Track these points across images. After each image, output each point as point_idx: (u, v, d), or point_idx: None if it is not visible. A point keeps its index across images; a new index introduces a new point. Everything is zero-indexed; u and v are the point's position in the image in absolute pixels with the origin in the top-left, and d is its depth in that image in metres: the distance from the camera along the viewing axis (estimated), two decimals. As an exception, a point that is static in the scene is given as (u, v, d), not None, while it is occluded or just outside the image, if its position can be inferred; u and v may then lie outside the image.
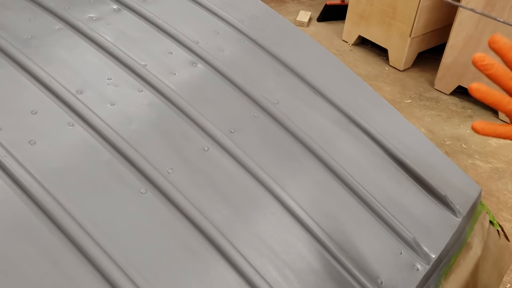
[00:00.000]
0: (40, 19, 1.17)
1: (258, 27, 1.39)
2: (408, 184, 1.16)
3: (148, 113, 1.04)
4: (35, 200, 0.80)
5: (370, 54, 3.66)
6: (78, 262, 0.75)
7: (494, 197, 2.37)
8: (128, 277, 0.76)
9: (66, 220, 0.79)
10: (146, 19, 1.29)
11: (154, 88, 1.09)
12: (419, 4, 3.13)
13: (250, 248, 0.88)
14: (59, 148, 0.91)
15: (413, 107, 3.08)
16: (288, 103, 1.19)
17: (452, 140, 2.79)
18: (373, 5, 3.44)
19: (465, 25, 2.91)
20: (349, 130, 1.21)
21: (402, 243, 1.03)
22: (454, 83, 3.11)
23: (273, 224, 0.94)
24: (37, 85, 1.00)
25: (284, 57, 1.31)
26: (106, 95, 1.04)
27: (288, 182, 1.01)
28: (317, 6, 4.39)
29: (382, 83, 3.31)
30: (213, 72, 1.20)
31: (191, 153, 0.99)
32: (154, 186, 0.90)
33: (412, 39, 3.30)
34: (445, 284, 1.06)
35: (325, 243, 0.94)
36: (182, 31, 1.30)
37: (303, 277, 0.88)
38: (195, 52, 1.24)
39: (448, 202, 1.15)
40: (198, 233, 0.86)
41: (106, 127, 0.95)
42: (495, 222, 1.29)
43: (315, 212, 0.99)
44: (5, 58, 1.03)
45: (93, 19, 1.23)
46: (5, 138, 0.88)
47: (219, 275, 0.83)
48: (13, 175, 0.82)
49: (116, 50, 1.14)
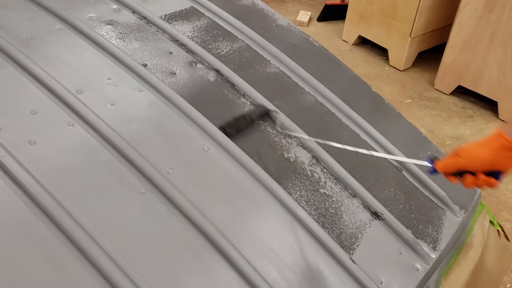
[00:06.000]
0: (40, 19, 1.17)
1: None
2: (408, 184, 1.16)
3: (148, 113, 1.04)
4: (35, 200, 0.80)
5: (370, 54, 3.66)
6: (78, 262, 0.75)
7: (494, 197, 2.37)
8: (128, 277, 0.76)
9: (66, 220, 0.79)
10: (146, 19, 1.29)
11: (154, 88, 1.09)
12: (419, 4, 3.13)
13: (250, 248, 0.88)
14: (59, 148, 0.91)
15: (413, 107, 3.07)
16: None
17: (452, 140, 2.79)
18: (373, 5, 3.44)
19: (465, 25, 2.90)
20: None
21: (402, 243, 1.03)
22: (454, 83, 3.11)
23: (273, 224, 0.94)
24: (37, 85, 1.00)
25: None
26: (106, 95, 1.03)
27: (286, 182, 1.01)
28: (317, 6, 4.38)
29: (382, 83, 3.31)
30: (213, 72, 1.20)
31: (191, 153, 0.99)
32: (154, 186, 0.90)
33: (412, 39, 3.29)
34: (445, 284, 1.06)
35: (325, 243, 0.94)
36: (182, 30, 1.30)
37: (303, 277, 0.88)
38: (194, 52, 1.24)
39: (448, 202, 1.15)
40: (198, 233, 0.86)
41: (106, 127, 0.95)
42: (495, 222, 1.29)
43: (315, 211, 0.99)
44: (5, 58, 1.03)
45: (93, 19, 1.23)
46: (5, 138, 0.87)
47: (219, 275, 0.82)
48: (13, 175, 0.82)
49: (116, 50, 1.14)
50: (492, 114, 3.04)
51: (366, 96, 1.36)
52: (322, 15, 4.18)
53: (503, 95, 2.90)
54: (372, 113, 1.29)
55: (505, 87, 2.86)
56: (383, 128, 1.25)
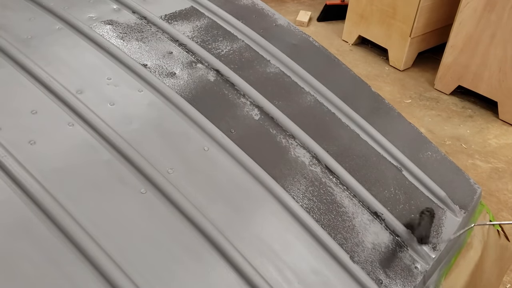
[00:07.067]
0: (40, 19, 1.17)
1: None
2: (408, 184, 1.16)
3: (148, 113, 1.04)
4: (35, 200, 0.80)
5: (370, 54, 3.66)
6: (78, 262, 0.75)
7: (494, 197, 2.37)
8: (128, 277, 0.76)
9: (66, 220, 0.79)
10: (146, 19, 1.28)
11: (154, 88, 1.09)
12: (419, 4, 3.13)
13: (250, 248, 0.88)
14: (59, 148, 0.91)
15: (413, 107, 3.08)
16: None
17: (452, 140, 2.79)
18: (373, 5, 3.44)
19: (465, 25, 2.90)
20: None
21: (402, 243, 1.03)
22: (454, 83, 3.11)
23: (273, 224, 0.94)
24: (37, 85, 1.00)
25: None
26: (106, 95, 1.03)
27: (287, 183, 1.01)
28: (317, 6, 4.38)
29: (382, 83, 3.31)
30: (213, 72, 1.20)
31: (191, 153, 0.99)
32: (154, 186, 0.90)
33: (412, 39, 3.30)
34: (445, 284, 1.06)
35: (325, 243, 0.94)
36: (182, 30, 1.30)
37: (303, 277, 0.88)
38: (194, 52, 1.24)
39: (448, 202, 1.15)
40: (198, 233, 0.86)
41: (106, 127, 0.95)
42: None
43: (315, 211, 0.99)
44: (5, 58, 1.03)
45: (93, 19, 1.23)
46: (5, 138, 0.87)
47: (219, 275, 0.82)
48: (13, 175, 0.82)
49: (116, 50, 1.14)
50: (492, 114, 3.05)
51: (366, 96, 1.36)
52: (322, 15, 4.18)
53: (503, 95, 2.90)
54: (372, 113, 1.29)
55: (505, 87, 2.86)
56: (383, 128, 1.25)
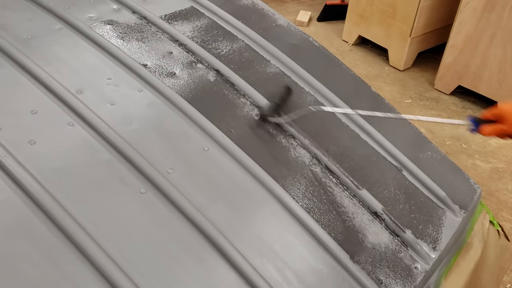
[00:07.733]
0: (40, 19, 1.17)
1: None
2: (408, 184, 1.16)
3: (148, 113, 1.04)
4: (35, 200, 0.80)
5: (370, 54, 3.66)
6: (78, 262, 0.75)
7: (494, 197, 2.37)
8: (128, 277, 0.76)
9: (66, 220, 0.79)
10: (146, 19, 1.28)
11: (154, 88, 1.09)
12: (419, 4, 3.13)
13: (250, 248, 0.88)
14: (59, 148, 0.91)
15: (413, 107, 3.07)
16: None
17: (452, 140, 2.79)
18: (373, 5, 3.44)
19: (465, 25, 2.90)
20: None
21: (402, 243, 1.03)
22: (454, 83, 3.11)
23: (273, 224, 0.94)
24: (37, 85, 1.00)
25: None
26: (106, 95, 1.03)
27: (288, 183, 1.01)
28: (317, 6, 4.38)
29: (382, 83, 3.31)
30: (213, 72, 1.20)
31: (191, 153, 0.99)
32: (154, 186, 0.90)
33: (412, 39, 3.29)
34: (445, 284, 1.06)
35: (325, 243, 0.94)
36: (182, 30, 1.30)
37: (303, 277, 0.88)
38: (194, 52, 1.24)
39: (448, 202, 1.15)
40: (198, 233, 0.86)
41: (106, 127, 0.95)
42: (495, 222, 1.29)
43: (315, 211, 0.99)
44: (5, 58, 1.03)
45: (93, 19, 1.23)
46: (5, 138, 0.87)
47: (219, 275, 0.83)
48: (13, 175, 0.82)
49: (116, 50, 1.14)
50: (492, 114, 3.04)
51: (366, 96, 1.36)
52: (322, 15, 4.18)
53: (503, 95, 2.90)
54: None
55: (505, 87, 2.86)
56: (383, 128, 1.25)
